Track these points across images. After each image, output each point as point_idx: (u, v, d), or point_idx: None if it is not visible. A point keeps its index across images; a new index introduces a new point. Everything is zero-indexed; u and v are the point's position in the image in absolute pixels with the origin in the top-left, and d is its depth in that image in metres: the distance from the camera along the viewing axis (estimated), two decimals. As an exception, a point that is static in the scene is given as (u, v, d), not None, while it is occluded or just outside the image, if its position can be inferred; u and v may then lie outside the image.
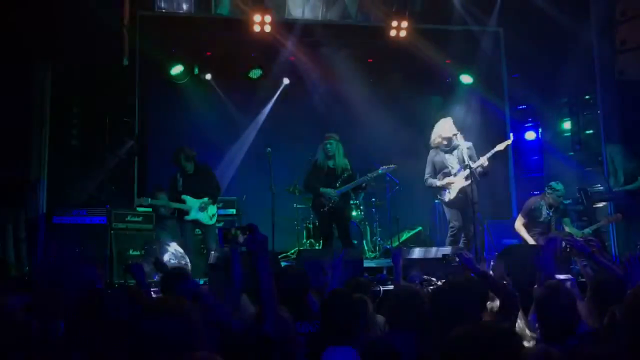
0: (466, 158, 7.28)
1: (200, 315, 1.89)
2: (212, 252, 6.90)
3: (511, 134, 8.32)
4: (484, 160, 7.35)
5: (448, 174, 7.57)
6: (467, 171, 7.26)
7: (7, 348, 2.26)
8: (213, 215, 7.87)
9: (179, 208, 7.65)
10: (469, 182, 7.25)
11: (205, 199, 7.73)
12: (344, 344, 2.77)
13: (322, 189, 7.69)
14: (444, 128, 7.60)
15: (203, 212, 7.74)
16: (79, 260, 6.67)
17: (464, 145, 7.49)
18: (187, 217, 7.69)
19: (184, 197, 7.67)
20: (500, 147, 7.57)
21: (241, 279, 3.17)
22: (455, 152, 7.58)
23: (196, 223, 7.77)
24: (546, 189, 7.76)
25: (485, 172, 7.44)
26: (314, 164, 7.92)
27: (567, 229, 7.64)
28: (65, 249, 7.26)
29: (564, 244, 3.56)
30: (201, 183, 7.79)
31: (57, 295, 2.55)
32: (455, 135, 7.50)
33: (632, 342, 1.91)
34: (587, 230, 7.61)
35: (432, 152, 7.74)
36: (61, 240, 7.32)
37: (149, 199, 7.88)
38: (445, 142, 7.58)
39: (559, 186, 7.68)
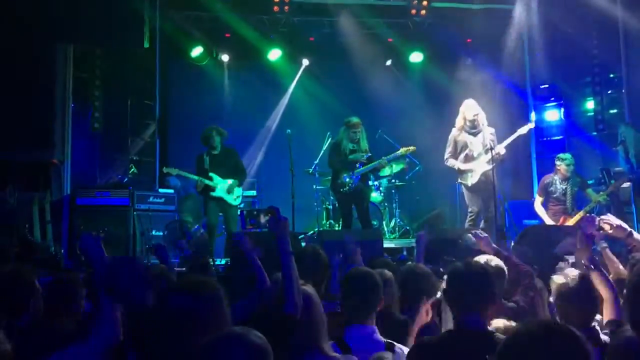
0: (489, 142, 7.23)
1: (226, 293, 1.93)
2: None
3: (533, 116, 8.19)
4: (501, 149, 7.31)
5: (471, 157, 7.53)
6: (489, 155, 7.21)
7: None
8: (238, 197, 7.88)
9: (206, 184, 7.65)
10: (491, 166, 7.21)
11: (232, 180, 7.76)
12: (365, 322, 2.80)
13: (341, 170, 7.69)
14: (468, 109, 7.56)
15: (229, 193, 7.80)
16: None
17: (487, 130, 7.44)
18: (213, 194, 7.70)
19: (211, 174, 7.69)
20: (523, 130, 7.53)
21: (262, 272, 3.22)
22: (479, 135, 7.53)
23: (221, 201, 7.77)
24: (555, 161, 7.71)
25: (502, 160, 7.41)
26: (334, 144, 7.91)
27: (593, 197, 7.56)
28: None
29: (598, 222, 3.48)
30: (227, 164, 7.82)
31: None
32: (477, 115, 7.46)
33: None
34: (603, 195, 7.54)
35: (454, 131, 7.68)
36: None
37: (177, 169, 7.88)
38: (469, 124, 7.53)
39: (565, 155, 7.64)
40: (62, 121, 8.12)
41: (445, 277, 2.73)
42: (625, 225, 3.59)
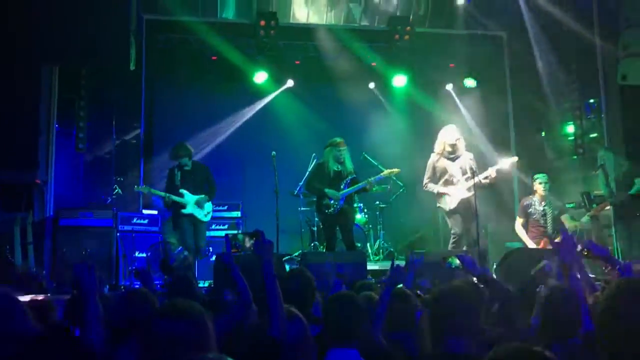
0: (469, 169, 7.30)
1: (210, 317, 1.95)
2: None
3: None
4: (492, 171, 7.39)
5: (450, 182, 7.59)
6: (470, 182, 7.29)
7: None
8: (208, 213, 7.91)
9: (176, 201, 7.66)
10: (471, 193, 7.29)
11: (203, 195, 7.77)
12: (346, 345, 2.82)
13: (326, 189, 7.73)
14: (448, 135, 7.63)
15: (199, 208, 7.79)
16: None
17: (466, 155, 7.53)
18: (184, 211, 7.70)
19: (181, 191, 7.70)
20: (505, 164, 7.67)
21: (246, 289, 3.21)
22: (458, 161, 7.61)
23: (191, 217, 7.77)
24: (532, 182, 7.83)
25: (492, 183, 7.48)
26: (318, 166, 7.96)
27: (567, 224, 7.67)
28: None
29: (579, 247, 3.54)
30: (198, 180, 7.84)
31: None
32: (458, 139, 7.55)
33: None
34: (585, 219, 7.65)
35: (433, 157, 7.75)
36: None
37: (149, 188, 7.93)
38: (449, 149, 7.60)
39: (540, 175, 7.76)
40: (46, 141, 8.10)
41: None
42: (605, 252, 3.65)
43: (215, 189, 8.05)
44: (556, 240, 3.51)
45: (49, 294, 5.44)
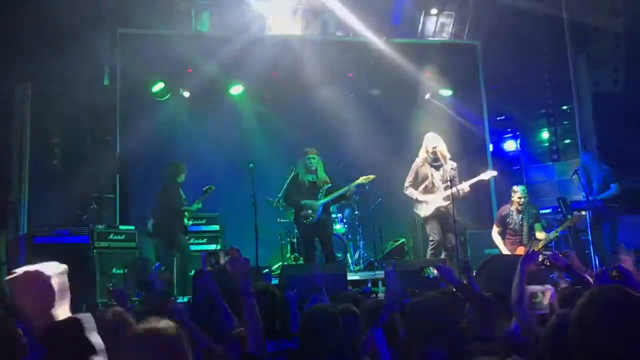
0: (448, 178, 7.34)
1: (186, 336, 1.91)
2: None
3: (494, 171, 8.34)
4: (465, 187, 7.44)
5: (430, 189, 7.63)
6: (448, 192, 7.33)
7: None
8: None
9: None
10: (447, 202, 7.33)
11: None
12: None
13: (303, 201, 7.72)
14: (428, 141, 7.67)
15: None
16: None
17: (448, 165, 7.57)
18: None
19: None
20: (485, 176, 7.72)
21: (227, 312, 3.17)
22: (441, 169, 7.65)
23: None
24: (511, 193, 7.88)
25: (465, 198, 7.54)
26: (294, 177, 7.97)
27: (537, 234, 7.75)
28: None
29: (541, 257, 3.62)
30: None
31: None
32: (435, 147, 7.57)
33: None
34: (553, 234, 7.72)
35: (418, 161, 7.77)
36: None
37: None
38: (431, 156, 7.61)
39: (519, 187, 7.81)
40: (19, 158, 7.97)
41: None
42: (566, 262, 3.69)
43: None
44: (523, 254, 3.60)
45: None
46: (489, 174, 7.82)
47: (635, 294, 1.93)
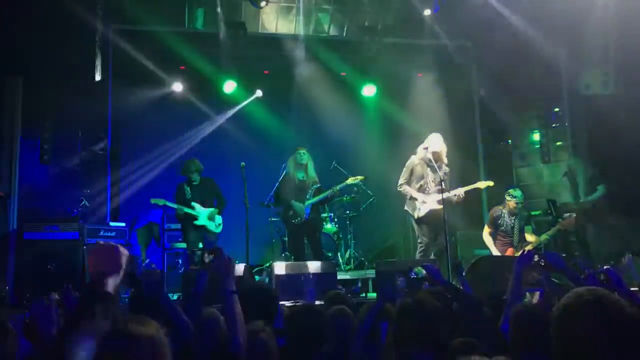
0: (442, 182, 7.31)
1: (169, 334, 1.91)
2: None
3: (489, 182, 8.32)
4: (461, 192, 7.42)
5: (424, 190, 7.56)
6: (441, 196, 7.29)
7: None
8: (219, 224, 8.34)
9: (189, 214, 8.06)
10: (440, 206, 7.27)
11: (213, 209, 8.23)
12: (311, 358, 2.81)
13: (292, 202, 7.75)
14: (434, 142, 7.55)
15: (211, 221, 8.20)
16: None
17: (442, 170, 7.53)
18: (197, 222, 8.10)
19: (193, 204, 8.08)
20: (480, 185, 7.72)
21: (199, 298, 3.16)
22: (438, 171, 7.58)
23: (203, 229, 8.17)
24: (505, 196, 7.88)
25: (460, 202, 7.51)
26: (284, 176, 8.00)
27: (528, 237, 7.78)
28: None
29: (536, 257, 3.61)
30: (206, 194, 8.32)
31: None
32: (442, 149, 7.50)
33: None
34: (544, 237, 7.75)
35: (414, 159, 7.58)
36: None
37: (165, 200, 8.12)
38: (430, 157, 7.50)
39: (516, 192, 7.78)
40: (9, 153, 7.93)
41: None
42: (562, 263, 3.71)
43: (224, 201, 8.50)
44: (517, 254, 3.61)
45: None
46: (484, 184, 7.80)
47: (614, 298, 1.95)
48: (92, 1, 8.56)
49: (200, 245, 8.22)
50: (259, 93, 10.56)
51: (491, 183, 7.90)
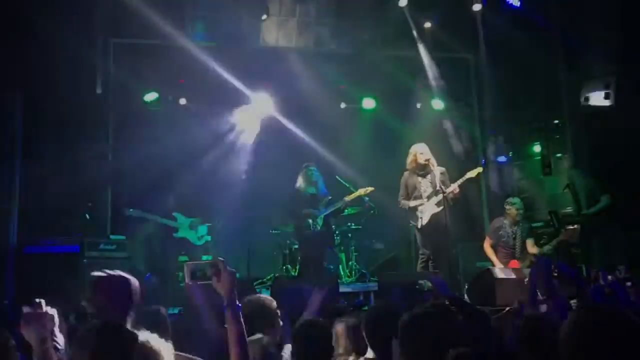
0: (438, 183, 7.35)
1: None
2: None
3: (483, 161, 8.41)
4: (454, 187, 7.45)
5: (419, 198, 7.67)
6: (439, 197, 7.33)
7: None
8: (202, 236, 7.96)
9: (167, 225, 7.74)
10: (440, 208, 7.31)
11: (197, 218, 7.93)
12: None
13: (306, 209, 7.76)
14: (418, 152, 7.70)
15: (192, 230, 7.70)
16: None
17: (437, 171, 7.58)
18: (175, 235, 7.74)
19: (175, 214, 7.73)
20: (472, 174, 7.70)
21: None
22: (428, 176, 7.67)
23: (183, 242, 7.80)
24: (505, 205, 7.87)
25: (456, 199, 7.54)
26: (294, 191, 7.99)
27: (530, 248, 7.75)
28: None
29: (552, 266, 3.59)
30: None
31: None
32: (428, 160, 7.61)
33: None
34: (547, 247, 7.72)
35: (406, 174, 7.86)
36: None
37: (141, 211, 7.87)
38: (418, 166, 7.68)
39: (515, 200, 7.83)
40: (10, 167, 7.90)
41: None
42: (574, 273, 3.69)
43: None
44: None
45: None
46: (475, 171, 7.79)
47: (626, 315, 1.93)
48: (92, 15, 8.58)
49: (184, 259, 8.07)
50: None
51: (480, 169, 7.91)
